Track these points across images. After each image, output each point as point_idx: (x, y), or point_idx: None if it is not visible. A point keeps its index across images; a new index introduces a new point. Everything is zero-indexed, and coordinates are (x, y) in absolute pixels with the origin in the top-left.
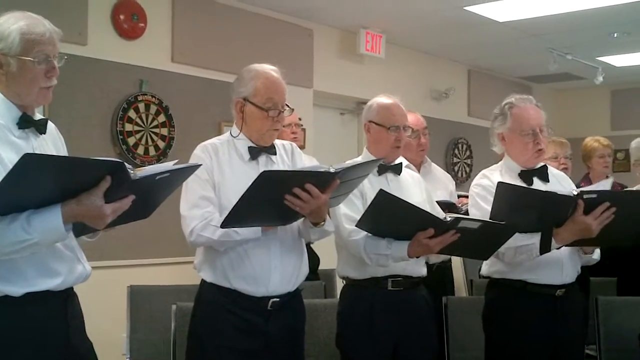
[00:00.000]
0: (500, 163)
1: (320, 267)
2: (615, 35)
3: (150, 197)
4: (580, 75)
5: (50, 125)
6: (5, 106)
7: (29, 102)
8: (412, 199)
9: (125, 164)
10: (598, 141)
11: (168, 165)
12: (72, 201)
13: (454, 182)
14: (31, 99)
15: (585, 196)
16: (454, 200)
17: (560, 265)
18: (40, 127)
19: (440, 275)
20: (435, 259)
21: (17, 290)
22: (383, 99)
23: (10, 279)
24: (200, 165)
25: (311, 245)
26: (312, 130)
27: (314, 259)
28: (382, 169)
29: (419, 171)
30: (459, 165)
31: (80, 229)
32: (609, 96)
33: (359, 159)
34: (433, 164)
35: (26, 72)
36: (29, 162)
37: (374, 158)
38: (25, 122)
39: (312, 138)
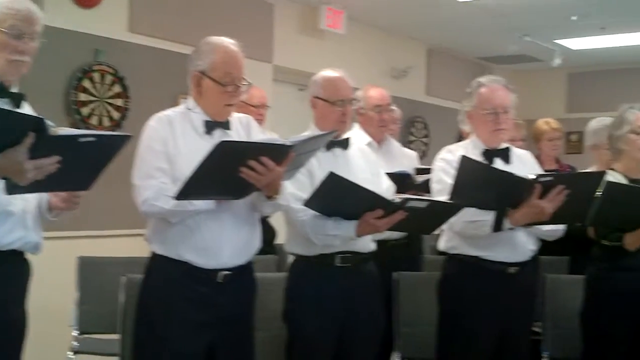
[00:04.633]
0: (467, 141)
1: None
2: (574, 18)
3: (82, 164)
4: (538, 57)
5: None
6: None
7: None
8: (359, 174)
9: (48, 121)
10: (548, 124)
11: (94, 131)
12: None
13: (417, 160)
14: None
15: (541, 179)
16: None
17: (513, 244)
18: (16, 100)
19: (395, 253)
20: (379, 235)
21: None
22: (327, 73)
23: None
24: (131, 136)
25: (267, 219)
26: (271, 105)
27: (271, 232)
28: (330, 144)
29: (379, 147)
30: (415, 143)
31: (11, 186)
32: (566, 79)
33: (306, 134)
34: (394, 142)
35: None
36: None
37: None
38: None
39: (271, 113)
